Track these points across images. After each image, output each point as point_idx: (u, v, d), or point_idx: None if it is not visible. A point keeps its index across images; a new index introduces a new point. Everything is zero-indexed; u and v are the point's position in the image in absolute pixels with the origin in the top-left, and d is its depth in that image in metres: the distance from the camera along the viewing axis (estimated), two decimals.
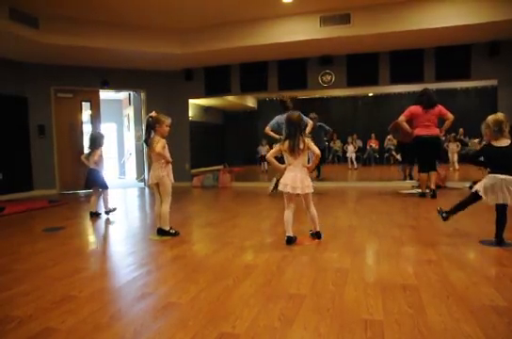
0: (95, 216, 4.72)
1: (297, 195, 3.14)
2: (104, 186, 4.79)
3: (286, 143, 3.12)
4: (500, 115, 2.99)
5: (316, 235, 3.29)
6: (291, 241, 3.15)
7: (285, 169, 3.18)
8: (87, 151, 4.95)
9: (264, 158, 11.20)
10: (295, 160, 3.12)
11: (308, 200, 3.22)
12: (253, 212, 4.90)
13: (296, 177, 3.07)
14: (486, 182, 2.95)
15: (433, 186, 5.44)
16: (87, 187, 5.07)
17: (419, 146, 5.47)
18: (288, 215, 3.17)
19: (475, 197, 3.04)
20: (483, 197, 2.96)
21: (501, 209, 2.98)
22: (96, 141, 4.74)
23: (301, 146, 3.08)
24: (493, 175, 2.92)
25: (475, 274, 2.39)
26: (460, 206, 3.19)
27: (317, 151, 3.13)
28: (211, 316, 1.87)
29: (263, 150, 11.61)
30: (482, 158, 3.08)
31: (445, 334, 1.64)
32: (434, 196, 5.35)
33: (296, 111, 3.33)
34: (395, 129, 7.06)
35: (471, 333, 1.63)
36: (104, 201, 4.79)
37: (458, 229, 3.58)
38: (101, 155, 4.75)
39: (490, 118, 2.99)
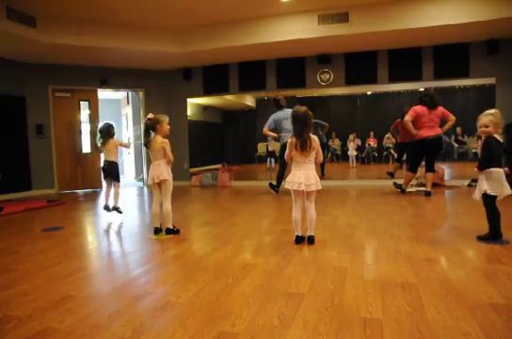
0: (113, 210, 4.69)
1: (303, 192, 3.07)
2: (118, 180, 4.75)
3: (295, 141, 3.00)
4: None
5: (309, 240, 3.11)
6: (299, 240, 3.11)
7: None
8: (98, 144, 4.79)
9: (271, 154, 11.15)
10: (304, 157, 3.01)
11: (310, 197, 3.08)
12: (252, 211, 4.90)
13: (304, 174, 2.99)
14: (489, 179, 2.92)
15: (429, 188, 5.53)
16: (105, 178, 4.90)
17: (423, 147, 5.50)
18: (296, 214, 3.11)
19: (488, 200, 2.99)
20: (491, 193, 2.92)
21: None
22: (107, 132, 4.64)
23: (310, 144, 2.96)
24: (494, 169, 2.91)
25: (474, 272, 2.40)
26: (490, 218, 3.04)
27: (321, 158, 3.06)
28: (210, 315, 1.87)
29: (270, 145, 11.49)
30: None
31: (444, 332, 1.64)
32: (429, 195, 5.49)
33: (302, 106, 3.11)
34: (396, 130, 7.09)
35: (469, 331, 1.64)
36: (115, 196, 4.73)
37: (457, 227, 3.59)
38: (116, 146, 4.70)
39: (496, 112, 2.92)
